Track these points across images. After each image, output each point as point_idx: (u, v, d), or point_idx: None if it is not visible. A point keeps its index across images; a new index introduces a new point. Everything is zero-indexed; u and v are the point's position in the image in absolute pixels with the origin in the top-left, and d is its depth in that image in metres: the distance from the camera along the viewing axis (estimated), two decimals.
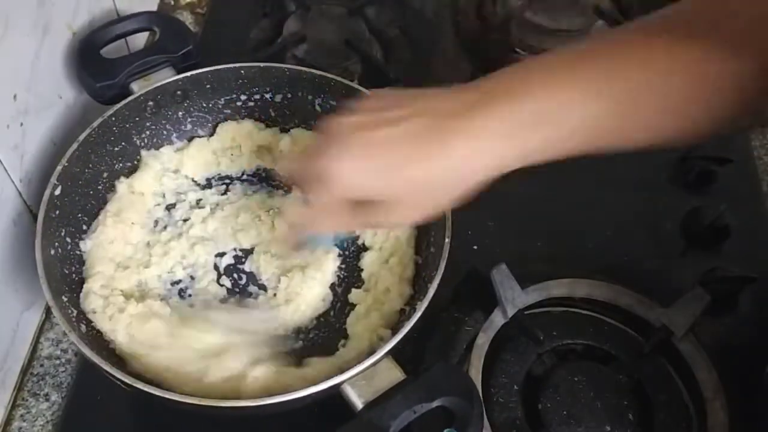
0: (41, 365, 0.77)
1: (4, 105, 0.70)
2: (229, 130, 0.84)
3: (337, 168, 0.54)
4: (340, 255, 0.77)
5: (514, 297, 0.72)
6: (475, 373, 0.68)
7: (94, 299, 0.70)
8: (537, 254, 0.83)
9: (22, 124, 0.73)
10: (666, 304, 0.72)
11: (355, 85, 0.81)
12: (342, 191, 0.55)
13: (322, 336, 0.73)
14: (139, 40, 0.93)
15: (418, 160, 0.53)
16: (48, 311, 0.79)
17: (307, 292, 0.74)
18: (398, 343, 0.62)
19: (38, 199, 0.69)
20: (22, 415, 0.73)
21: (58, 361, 0.77)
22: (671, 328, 0.71)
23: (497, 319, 0.72)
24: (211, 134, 0.85)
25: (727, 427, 0.66)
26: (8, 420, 0.73)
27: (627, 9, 1.02)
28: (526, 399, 0.69)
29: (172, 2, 1.09)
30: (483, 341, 0.70)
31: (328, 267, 0.76)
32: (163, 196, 0.81)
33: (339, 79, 0.80)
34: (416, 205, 0.57)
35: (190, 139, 0.84)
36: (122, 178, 0.79)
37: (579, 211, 0.87)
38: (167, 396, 0.59)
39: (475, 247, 0.83)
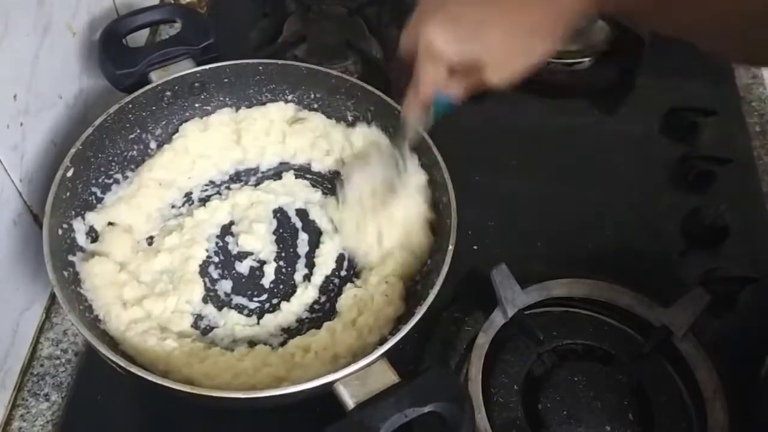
0: (41, 365, 0.77)
1: (4, 105, 0.70)
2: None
3: (433, 40, 0.58)
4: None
5: (514, 297, 0.72)
6: (475, 373, 0.68)
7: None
8: (537, 254, 0.83)
9: (22, 124, 0.73)
10: (666, 304, 0.72)
11: (371, 88, 0.81)
12: (436, 57, 0.59)
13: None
14: (140, 37, 0.94)
15: (507, 14, 0.57)
16: (48, 311, 0.79)
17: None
18: (398, 342, 0.62)
19: (39, 199, 0.70)
20: (22, 415, 0.73)
21: (58, 361, 0.77)
22: (671, 328, 0.71)
23: (497, 319, 0.72)
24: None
25: (727, 427, 0.66)
26: (8, 420, 0.73)
27: None
28: (526, 399, 0.69)
29: (173, 2, 1.09)
30: (483, 341, 0.71)
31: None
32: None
33: (354, 80, 0.81)
34: (513, 60, 0.59)
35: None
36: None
37: (579, 211, 0.87)
38: (159, 381, 0.60)
39: (475, 247, 0.83)
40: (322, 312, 0.75)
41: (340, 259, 0.79)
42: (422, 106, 0.66)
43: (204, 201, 0.82)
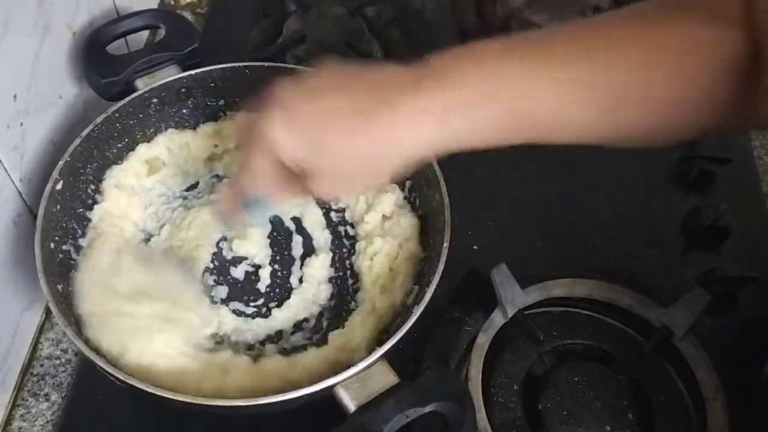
0: (41, 365, 0.77)
1: (4, 105, 0.70)
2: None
3: (272, 133, 0.55)
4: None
5: (514, 297, 0.72)
6: (476, 373, 0.68)
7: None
8: (537, 254, 0.83)
9: (22, 124, 0.73)
10: (666, 304, 0.72)
11: None
12: (274, 156, 0.57)
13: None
14: (138, 39, 0.94)
15: (349, 135, 0.55)
16: (48, 311, 0.79)
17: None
18: (398, 342, 0.62)
19: (39, 198, 0.70)
20: (22, 415, 0.74)
21: (58, 361, 0.77)
22: (671, 328, 0.71)
23: (497, 319, 0.72)
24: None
25: (727, 427, 0.66)
26: (8, 420, 0.73)
27: None
28: (526, 399, 0.69)
29: (172, 2, 1.09)
30: (483, 341, 0.71)
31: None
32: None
33: None
34: (344, 180, 0.59)
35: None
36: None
37: (579, 211, 0.87)
38: (159, 393, 0.59)
39: (475, 247, 0.83)
40: (320, 315, 0.75)
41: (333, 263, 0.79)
42: (239, 200, 0.64)
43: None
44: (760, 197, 0.89)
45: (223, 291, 0.76)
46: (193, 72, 0.81)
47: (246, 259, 0.78)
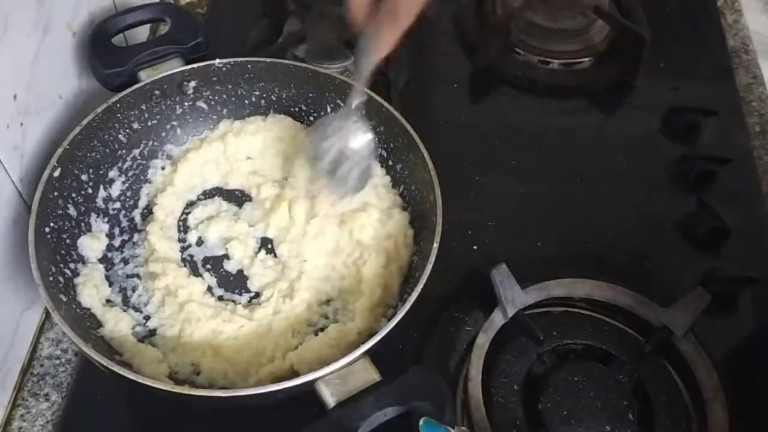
0: (41, 365, 0.77)
1: (4, 105, 0.70)
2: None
3: None
4: None
5: (514, 297, 0.72)
6: (475, 373, 0.68)
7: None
8: (537, 254, 0.83)
9: (22, 124, 0.73)
10: (666, 304, 0.72)
11: (359, 85, 0.81)
12: None
13: None
14: (140, 36, 0.94)
15: None
16: (48, 311, 0.79)
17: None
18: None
19: None
20: (22, 415, 0.74)
21: (58, 361, 0.77)
22: (671, 328, 0.71)
23: (497, 319, 0.72)
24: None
25: (727, 427, 0.66)
26: (8, 420, 0.73)
27: (627, 9, 1.02)
28: (526, 399, 0.69)
29: (172, 2, 1.09)
30: (483, 341, 0.71)
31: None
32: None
33: (343, 78, 0.81)
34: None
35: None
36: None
37: (579, 211, 0.87)
38: (139, 380, 0.60)
39: (475, 247, 0.83)
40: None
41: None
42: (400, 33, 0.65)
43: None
44: (760, 197, 0.89)
45: (214, 281, 0.77)
46: (195, 65, 0.81)
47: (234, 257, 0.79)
